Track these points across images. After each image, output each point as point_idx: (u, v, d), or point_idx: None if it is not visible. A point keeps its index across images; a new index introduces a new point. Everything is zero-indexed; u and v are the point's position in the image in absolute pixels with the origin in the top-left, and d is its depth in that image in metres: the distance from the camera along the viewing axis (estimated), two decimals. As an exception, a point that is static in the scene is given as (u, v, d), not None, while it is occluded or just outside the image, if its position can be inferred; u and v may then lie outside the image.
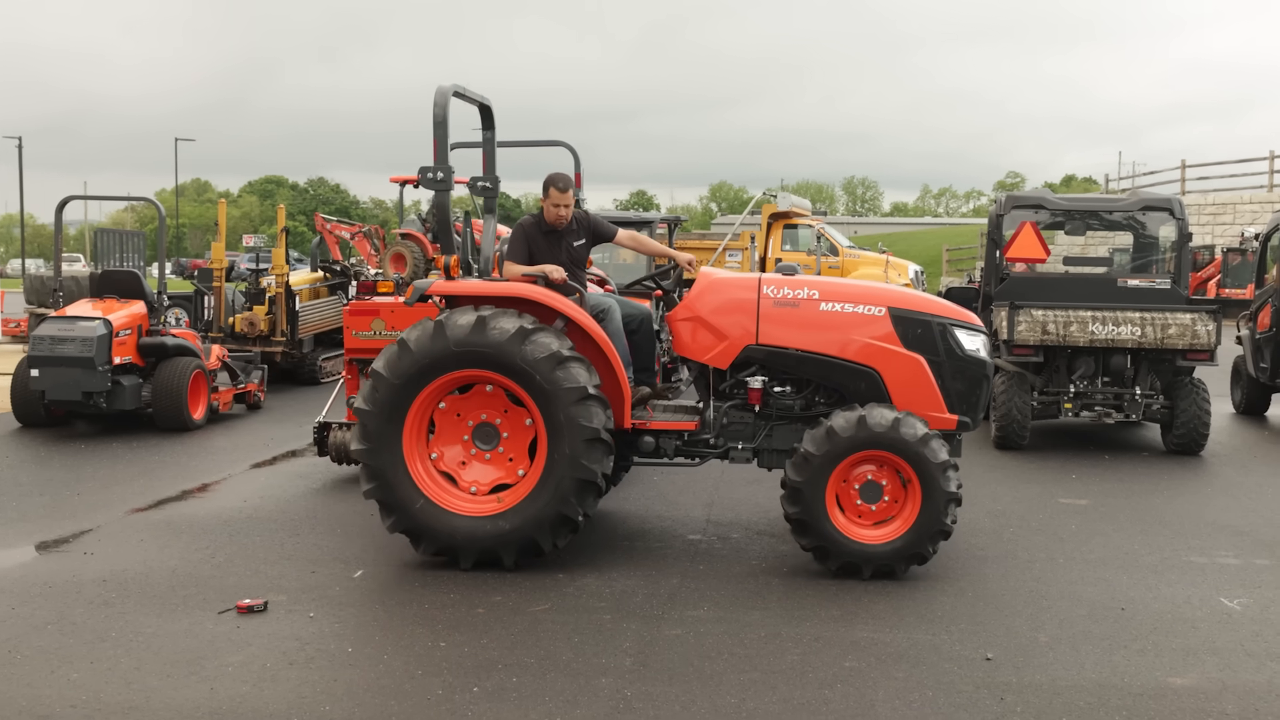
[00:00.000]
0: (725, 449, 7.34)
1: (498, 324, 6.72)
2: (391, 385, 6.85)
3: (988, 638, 5.81)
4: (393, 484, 6.87)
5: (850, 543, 6.76)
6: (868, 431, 6.68)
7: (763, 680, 5.20)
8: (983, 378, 7.23)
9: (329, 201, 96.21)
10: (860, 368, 7.08)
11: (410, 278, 20.42)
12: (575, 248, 7.67)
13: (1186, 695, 5.09)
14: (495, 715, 4.80)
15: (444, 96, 7.13)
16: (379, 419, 6.87)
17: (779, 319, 7.15)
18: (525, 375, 6.70)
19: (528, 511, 6.81)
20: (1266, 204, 31.62)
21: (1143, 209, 12.28)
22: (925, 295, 7.52)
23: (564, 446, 6.71)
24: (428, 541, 6.92)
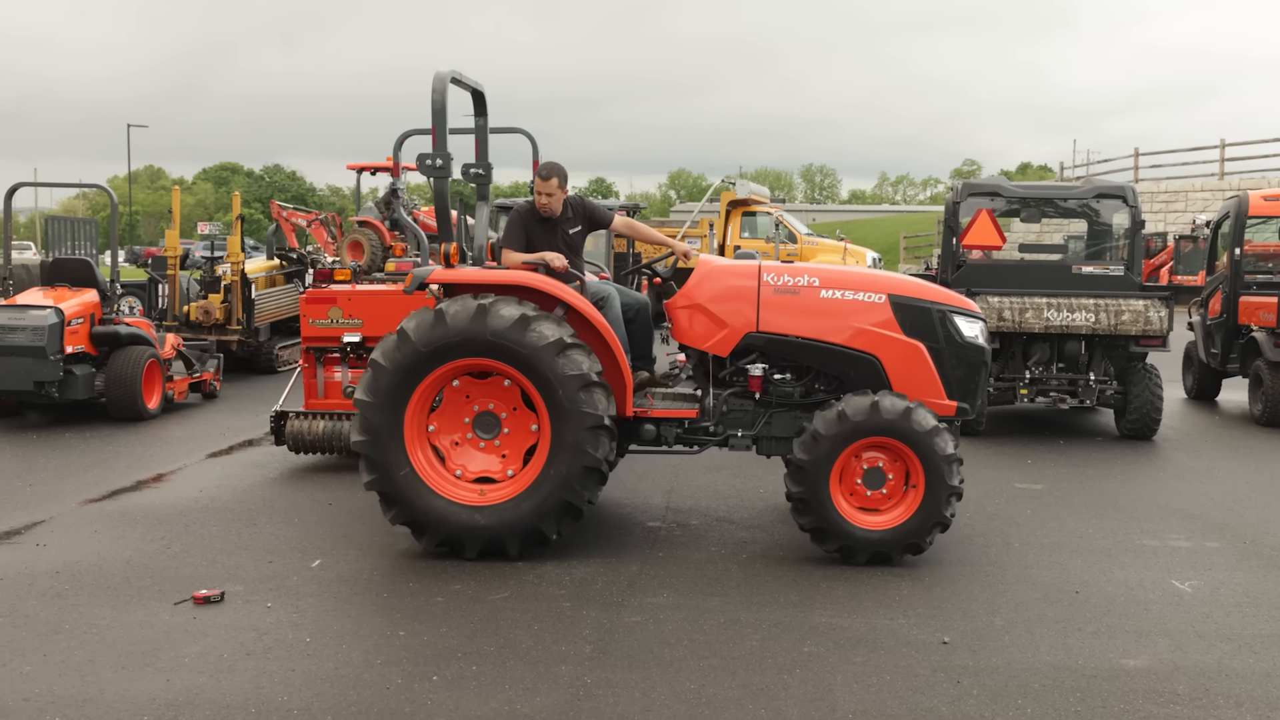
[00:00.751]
0: (725, 436, 7.33)
1: (498, 311, 6.67)
2: (392, 375, 6.79)
3: (944, 621, 5.86)
4: (395, 476, 6.82)
5: (850, 527, 6.79)
6: (879, 418, 6.70)
7: (722, 666, 5.23)
8: (981, 364, 7.28)
9: (285, 189, 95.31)
10: (860, 355, 7.10)
11: (368, 266, 20.32)
12: (571, 234, 7.64)
13: (1139, 676, 5.16)
14: (455, 704, 4.79)
15: (442, 82, 7.06)
16: (379, 410, 6.81)
17: (779, 306, 7.16)
18: (527, 362, 6.66)
19: (531, 499, 6.77)
20: (1217, 192, 32.04)
21: (1097, 197, 12.39)
22: (924, 282, 7.54)
23: (568, 434, 6.69)
24: (431, 533, 6.87)
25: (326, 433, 9.61)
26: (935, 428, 6.71)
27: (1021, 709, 4.78)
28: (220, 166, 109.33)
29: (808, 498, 6.77)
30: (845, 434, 6.73)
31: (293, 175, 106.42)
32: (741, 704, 4.81)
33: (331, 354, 10.04)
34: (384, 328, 9.80)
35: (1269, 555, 7.20)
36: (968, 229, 11.68)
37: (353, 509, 8.23)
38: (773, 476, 9.30)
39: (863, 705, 4.80)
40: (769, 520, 7.95)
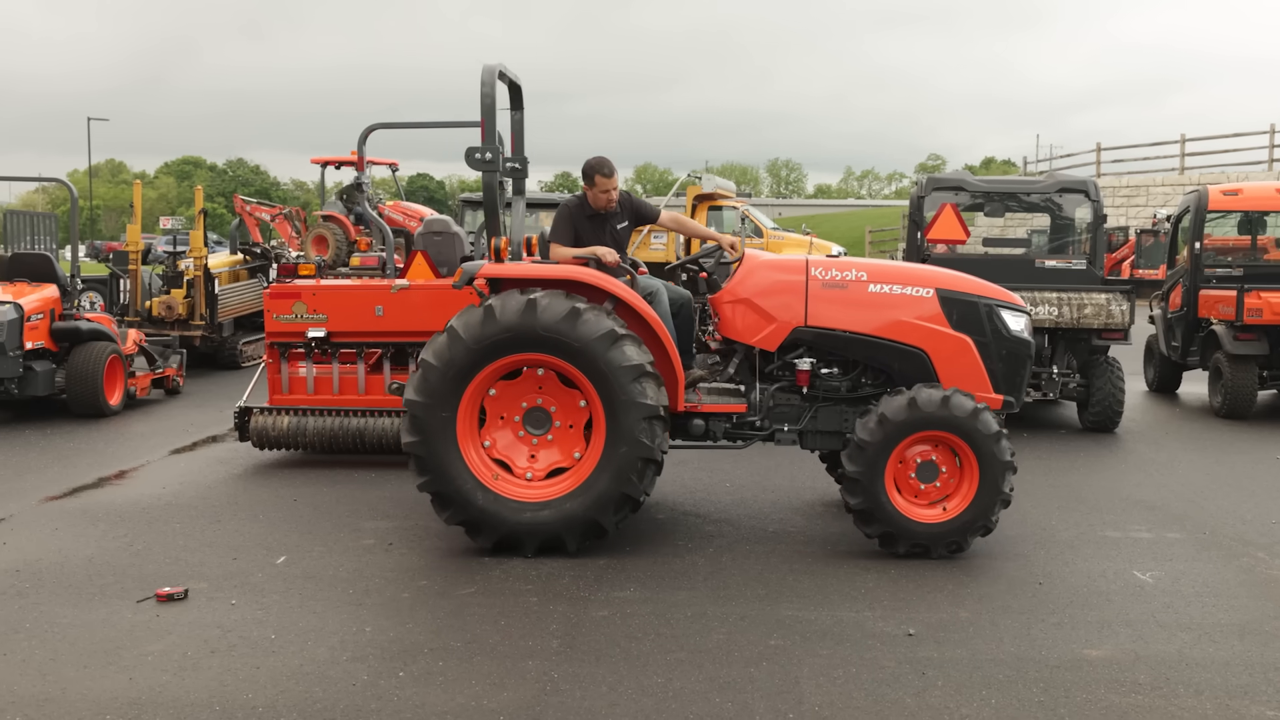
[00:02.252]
0: (771, 431, 7.34)
1: (549, 305, 6.65)
2: (443, 373, 6.75)
3: (910, 614, 5.89)
4: (448, 476, 6.77)
5: (915, 524, 6.83)
6: (919, 413, 6.73)
7: (689, 659, 5.24)
8: (1026, 358, 7.34)
9: (249, 183, 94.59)
10: (909, 349, 7.13)
11: (332, 260, 20.22)
12: (619, 229, 7.63)
13: (1101, 666, 5.21)
14: (421, 700, 4.78)
15: (491, 75, 7.03)
16: (431, 409, 6.76)
17: (828, 300, 7.17)
18: (581, 355, 6.65)
19: (589, 493, 6.77)
20: (1178, 186, 32.34)
21: (1059, 191, 12.49)
22: (970, 277, 7.56)
23: (623, 425, 6.68)
24: (487, 532, 6.83)
25: (291, 428, 9.56)
26: (975, 410, 6.75)
27: (986, 700, 4.82)
28: (183, 160, 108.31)
29: (868, 506, 6.80)
30: (890, 436, 6.75)
31: (256, 169, 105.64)
32: (708, 697, 4.82)
33: (296, 349, 9.99)
34: (349, 323, 9.79)
35: (1228, 546, 7.29)
36: (932, 223, 11.75)
37: (318, 505, 8.19)
38: (739, 470, 9.33)
39: (828, 697, 4.82)
40: (735, 514, 7.97)
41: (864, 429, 6.80)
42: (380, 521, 7.72)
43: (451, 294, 9.82)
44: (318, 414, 9.62)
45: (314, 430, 9.55)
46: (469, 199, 16.83)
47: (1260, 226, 14.83)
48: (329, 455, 9.86)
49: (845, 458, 6.86)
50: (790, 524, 7.71)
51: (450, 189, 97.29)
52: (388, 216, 21.32)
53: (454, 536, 7.31)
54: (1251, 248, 14.63)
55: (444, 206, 65.13)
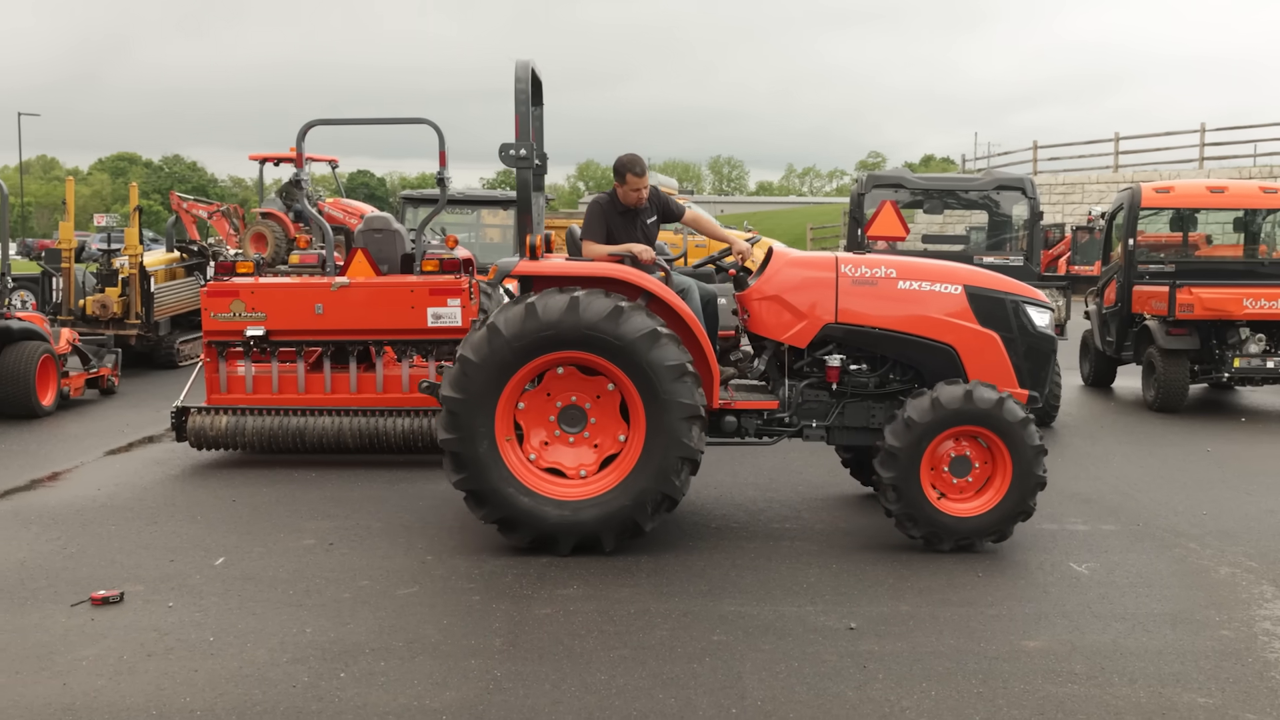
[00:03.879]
0: (800, 428, 7.37)
1: (592, 304, 6.63)
2: (483, 370, 6.69)
3: (851, 608, 5.94)
4: (485, 473, 6.72)
5: (957, 520, 6.90)
6: (944, 410, 6.80)
7: (632, 656, 5.24)
8: (1051, 353, 7.46)
9: (185, 179, 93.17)
10: (938, 345, 7.20)
11: (272, 258, 20.00)
12: (649, 225, 7.63)
13: (1038, 657, 5.28)
14: (363, 700, 4.74)
15: (525, 70, 6.98)
16: (470, 406, 6.70)
17: (858, 297, 7.22)
18: (623, 354, 6.64)
19: (629, 491, 6.76)
20: (1112, 184, 32.86)
21: (997, 188, 12.65)
22: (996, 274, 7.65)
23: (665, 424, 6.68)
24: (523, 531, 6.79)
25: (229, 428, 9.45)
26: (999, 399, 6.82)
27: (926, 692, 4.87)
28: (117, 157, 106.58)
29: (909, 510, 6.87)
30: (920, 436, 6.82)
31: (193, 166, 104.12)
32: (651, 693, 4.83)
33: (234, 348, 9.87)
34: (288, 321, 9.69)
35: (1161, 537, 7.42)
36: (872, 220, 11.84)
37: (257, 505, 8.10)
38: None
39: (771, 692, 4.85)
40: (678, 511, 7.97)
41: (894, 434, 6.86)
42: (321, 521, 7.65)
43: (394, 292, 9.77)
44: (257, 413, 9.52)
45: (253, 430, 9.45)
46: (410, 196, 16.69)
47: (1191, 223, 15.11)
48: (269, 455, 9.76)
49: (879, 464, 6.91)
50: (732, 520, 7.74)
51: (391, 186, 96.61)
52: (327, 214, 21.12)
53: (396, 535, 7.27)
54: (1183, 244, 14.90)
55: (385, 204, 64.62)
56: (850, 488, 8.72)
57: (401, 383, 9.84)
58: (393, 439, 9.39)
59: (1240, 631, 5.66)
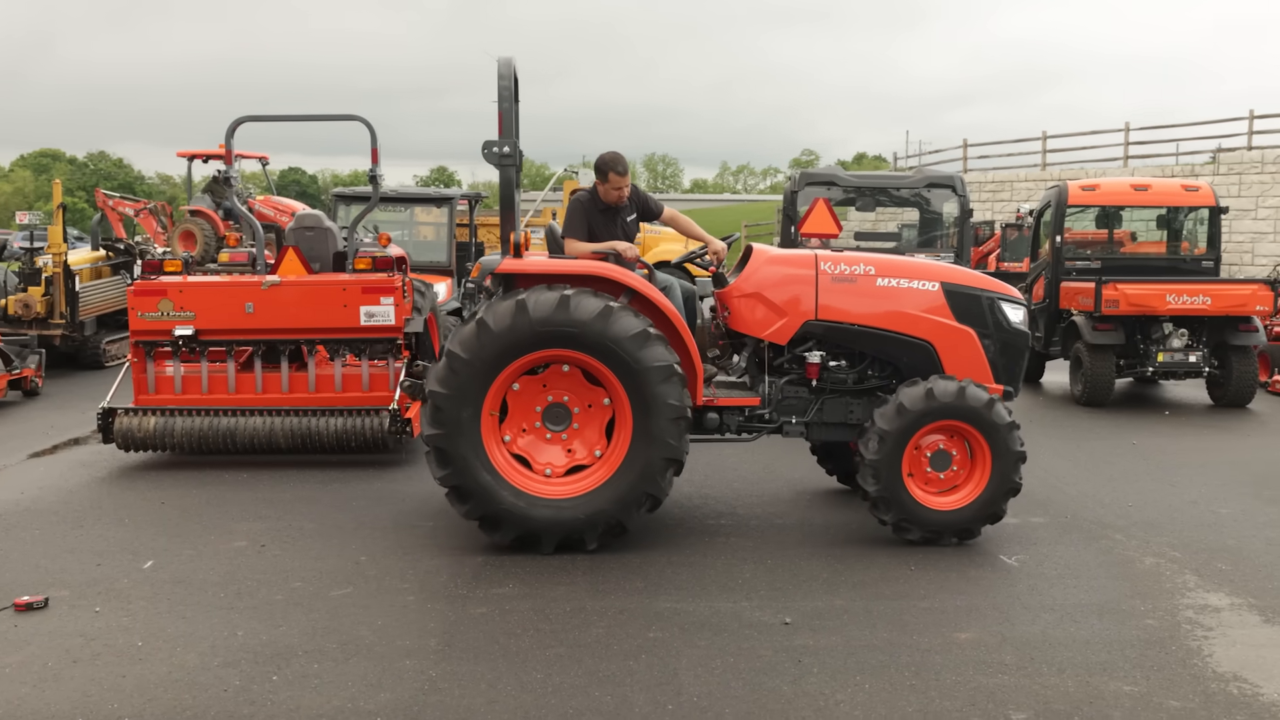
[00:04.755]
0: (780, 424, 7.41)
1: (582, 302, 6.60)
2: (471, 366, 6.64)
3: (786, 603, 5.98)
4: (470, 470, 6.67)
5: (929, 512, 7.00)
6: (936, 402, 6.88)
7: (568, 654, 5.23)
8: (1025, 349, 7.54)
9: (111, 176, 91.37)
10: (916, 341, 7.28)
11: (201, 256, 19.72)
12: (629, 223, 7.64)
13: (970, 648, 5.36)
14: (295, 703, 4.69)
15: (509, 68, 6.93)
16: (456, 402, 6.65)
17: (838, 294, 7.28)
18: (611, 354, 6.63)
19: (613, 491, 6.75)
20: (1040, 182, 33.36)
21: (927, 186, 12.82)
22: (971, 271, 7.77)
23: (651, 425, 6.69)
24: (507, 528, 6.76)
25: (158, 429, 9.30)
26: (990, 401, 6.94)
27: (860, 685, 4.92)
28: (40, 153, 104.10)
29: (885, 494, 6.96)
30: (908, 425, 6.91)
31: (119, 163, 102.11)
32: (588, 691, 4.83)
33: (162, 348, 9.71)
34: (218, 320, 9.56)
35: (1088, 529, 7.55)
36: (805, 218, 11.92)
37: (187, 507, 7.98)
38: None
39: (707, 688, 4.87)
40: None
41: (884, 418, 6.94)
42: (253, 523, 7.55)
43: (326, 291, 9.67)
44: (186, 414, 9.38)
45: (182, 431, 9.30)
46: (342, 194, 16.51)
47: (1116, 221, 15.41)
48: (198, 456, 9.61)
49: (864, 446, 7.00)
50: (668, 517, 7.75)
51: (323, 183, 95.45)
52: (258, 211, 20.86)
53: (330, 536, 7.20)
54: (1108, 241, 15.19)
55: (316, 201, 63.89)
56: (784, 484, 8.78)
57: (334, 382, 9.74)
58: (326, 439, 9.30)
59: (1164, 620, 5.78)
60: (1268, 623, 5.78)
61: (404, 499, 8.22)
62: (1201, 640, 5.50)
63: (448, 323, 12.60)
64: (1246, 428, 12.15)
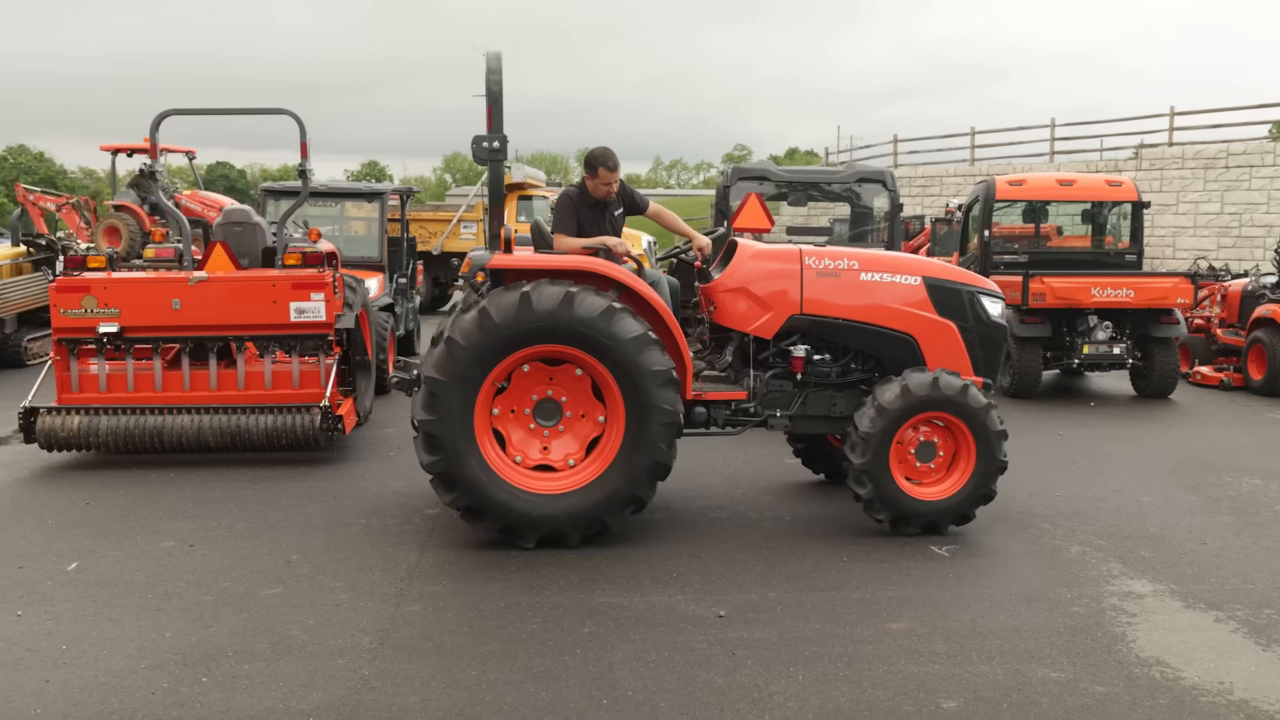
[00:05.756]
0: (765, 418, 7.45)
1: (586, 300, 6.59)
2: (470, 354, 6.60)
3: (720, 596, 6.01)
4: (459, 458, 6.64)
5: (923, 504, 7.12)
6: (913, 397, 6.99)
7: (503, 651, 5.22)
8: (1003, 341, 7.68)
9: (32, 171, 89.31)
10: (899, 334, 7.37)
11: (126, 252, 19.38)
12: (616, 217, 7.65)
13: (901, 638, 5.42)
14: (226, 705, 4.62)
15: (497, 62, 6.85)
16: (451, 389, 6.61)
17: (822, 289, 7.34)
18: (611, 354, 6.64)
19: (600, 491, 6.75)
20: (969, 177, 33.80)
21: (858, 181, 12.90)
22: (951, 265, 7.90)
23: (644, 428, 6.71)
24: (490, 520, 6.73)
25: (82, 428, 9.12)
26: (964, 387, 7.05)
27: (793, 676, 4.96)
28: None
29: (876, 495, 7.05)
30: (892, 421, 6.99)
31: (40, 157, 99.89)
32: (523, 687, 4.82)
33: (86, 345, 9.53)
34: (144, 317, 9.40)
35: (1016, 519, 7.67)
36: (738, 212, 11.95)
37: (113, 507, 7.83)
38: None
39: (642, 682, 4.88)
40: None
41: (864, 421, 7.01)
42: (180, 523, 7.44)
43: (255, 287, 9.54)
44: (111, 413, 9.20)
45: (107, 430, 9.13)
46: (271, 188, 16.29)
47: (1042, 215, 15.64)
48: (124, 456, 9.44)
49: (849, 450, 7.08)
50: (603, 512, 7.75)
51: (252, 178, 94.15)
52: (185, 206, 20.56)
53: (260, 535, 7.11)
54: (1035, 235, 15.42)
55: (245, 196, 62.99)
56: (718, 478, 8.82)
57: (264, 379, 9.62)
58: (255, 437, 9.18)
59: (1090, 608, 5.89)
60: (1188, 608, 5.92)
61: (336, 497, 8.14)
62: (1125, 626, 5.62)
63: (380, 319, 12.49)
64: (1168, 418, 12.42)
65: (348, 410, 9.62)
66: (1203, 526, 7.58)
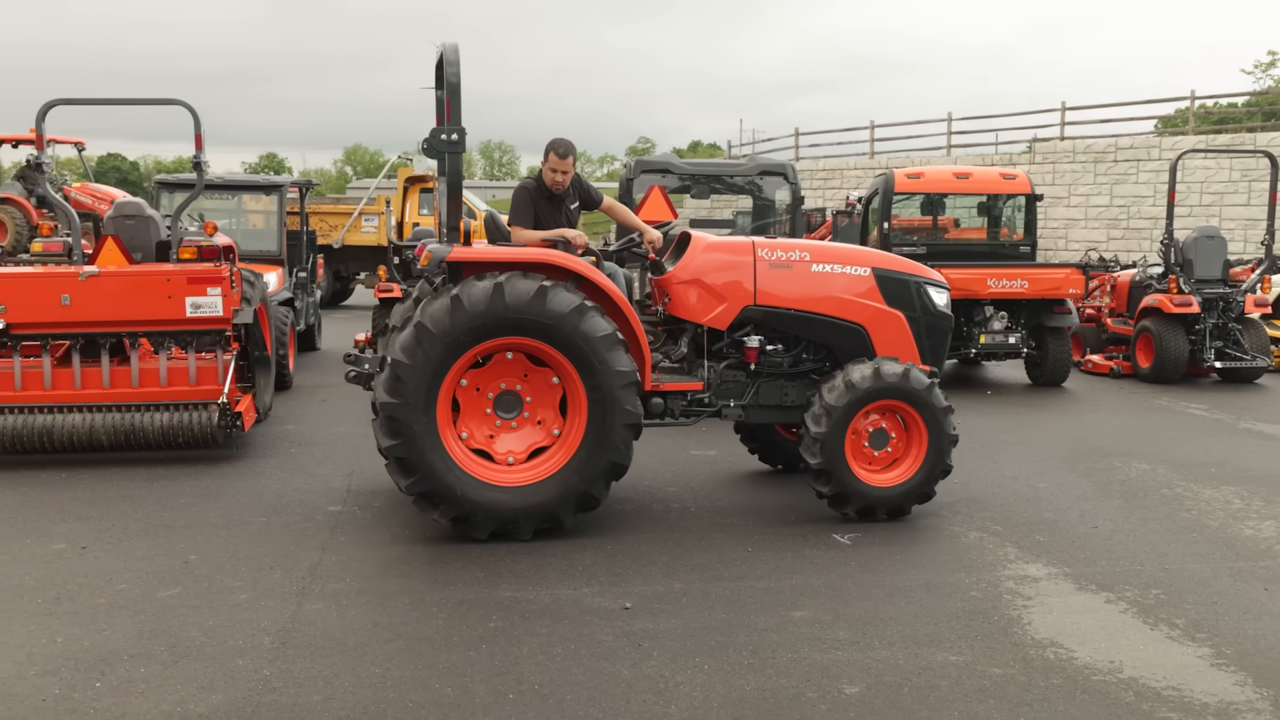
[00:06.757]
0: (719, 408, 7.49)
1: (516, 287, 6.58)
2: (414, 372, 6.52)
3: (626, 588, 6.02)
4: (435, 473, 6.57)
5: (867, 487, 7.26)
6: (882, 382, 7.10)
7: (408, 648, 5.17)
8: (949, 331, 7.82)
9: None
10: (849, 324, 7.49)
11: (12, 246, 18.79)
12: (572, 211, 7.64)
13: (805, 625, 5.49)
14: (121, 710, 4.51)
15: (455, 54, 6.74)
16: (418, 375, 6.52)
17: (775, 280, 7.43)
18: (554, 332, 6.64)
19: (558, 486, 6.76)
20: (868, 170, 34.29)
21: (760, 174, 13.02)
22: (899, 257, 8.01)
23: (605, 393, 6.71)
24: (446, 507, 6.67)
25: (-33, 429, 8.81)
26: (930, 384, 7.21)
27: (699, 666, 4.99)
28: None
29: (826, 467, 7.19)
30: (854, 402, 7.14)
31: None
32: (428, 684, 4.78)
33: (-31, 343, 9.21)
34: (31, 313, 9.13)
35: (916, 507, 7.79)
36: (641, 205, 11.99)
37: (0, 510, 7.59)
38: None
39: (548, 675, 4.87)
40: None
41: (831, 394, 7.14)
42: (72, 524, 7.23)
43: (148, 281, 9.31)
44: (-2, 412, 8.91)
45: None
46: (165, 181, 15.93)
47: (940, 207, 15.92)
48: (12, 456, 9.14)
49: (810, 419, 7.19)
50: (509, 506, 7.72)
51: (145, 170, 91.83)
52: (74, 199, 19.97)
53: (156, 535, 6.95)
54: (933, 227, 15.70)
55: (138, 189, 61.46)
56: (624, 469, 8.83)
57: (159, 376, 9.39)
58: (151, 435, 8.97)
59: (987, 592, 6.03)
60: (1081, 590, 6.09)
61: (235, 495, 7.98)
62: (1021, 610, 5.76)
63: (279, 313, 12.29)
64: (1062, 405, 12.75)
65: (247, 407, 9.45)
66: (1094, 511, 7.80)
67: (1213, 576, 6.35)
